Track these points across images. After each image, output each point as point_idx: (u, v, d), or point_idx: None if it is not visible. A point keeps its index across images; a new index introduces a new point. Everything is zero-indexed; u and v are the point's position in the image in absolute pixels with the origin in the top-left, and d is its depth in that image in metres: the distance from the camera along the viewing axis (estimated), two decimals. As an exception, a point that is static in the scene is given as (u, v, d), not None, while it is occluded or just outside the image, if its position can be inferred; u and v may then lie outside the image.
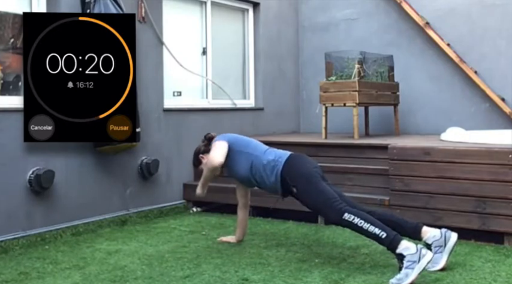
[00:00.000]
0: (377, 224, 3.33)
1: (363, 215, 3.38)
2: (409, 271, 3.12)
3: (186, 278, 3.40)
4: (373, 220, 3.36)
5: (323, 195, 3.55)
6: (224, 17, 6.51)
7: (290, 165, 3.72)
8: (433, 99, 6.33)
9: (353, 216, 3.37)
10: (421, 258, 3.14)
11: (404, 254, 3.17)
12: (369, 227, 3.31)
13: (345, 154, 5.10)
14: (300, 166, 3.74)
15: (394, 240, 3.24)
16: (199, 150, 4.09)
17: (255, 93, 6.79)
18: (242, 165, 3.85)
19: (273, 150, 3.90)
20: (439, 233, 3.48)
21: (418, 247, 3.19)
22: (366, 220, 3.34)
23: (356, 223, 3.35)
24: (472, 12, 6.14)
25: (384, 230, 3.29)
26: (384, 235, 3.27)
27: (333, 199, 3.50)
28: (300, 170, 3.70)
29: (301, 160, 3.81)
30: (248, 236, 4.35)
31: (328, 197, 3.53)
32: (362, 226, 3.33)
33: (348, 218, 3.37)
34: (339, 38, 6.89)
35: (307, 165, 3.75)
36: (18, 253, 4.06)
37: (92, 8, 4.63)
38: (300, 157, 3.83)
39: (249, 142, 3.97)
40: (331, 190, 3.60)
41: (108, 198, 4.93)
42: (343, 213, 3.39)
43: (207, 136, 4.08)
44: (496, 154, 4.06)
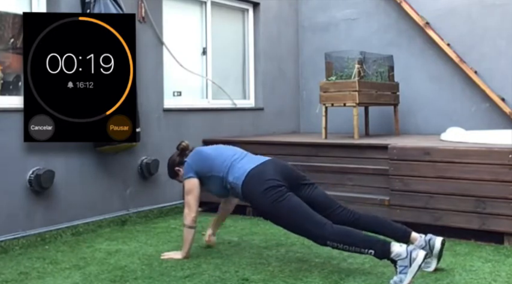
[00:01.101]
0: (361, 243, 3.21)
1: (347, 237, 3.24)
2: (403, 276, 3.11)
3: (186, 278, 3.40)
4: (356, 238, 3.23)
5: (298, 221, 3.33)
6: (224, 17, 6.51)
7: (247, 191, 3.49)
8: (433, 99, 6.33)
9: (336, 243, 3.25)
10: (412, 262, 3.10)
11: (396, 260, 3.14)
12: (355, 249, 3.23)
13: (345, 154, 5.09)
14: (255, 190, 3.43)
15: (384, 252, 3.17)
16: (173, 162, 3.96)
17: (255, 93, 6.80)
18: (216, 186, 3.72)
19: (235, 165, 3.60)
20: (423, 241, 3.43)
21: (408, 250, 3.13)
22: (350, 243, 3.22)
23: (341, 248, 3.27)
24: (472, 12, 6.14)
25: (370, 246, 3.19)
26: (372, 252, 3.19)
27: (310, 224, 3.30)
28: (257, 196, 3.43)
29: (258, 179, 3.46)
30: (248, 236, 4.35)
31: (302, 222, 3.32)
32: (348, 249, 3.26)
33: (332, 246, 3.29)
34: (339, 38, 6.89)
35: (264, 183, 3.41)
36: (18, 253, 4.06)
37: (92, 8, 4.63)
38: (257, 175, 3.48)
39: (212, 161, 3.70)
40: (303, 208, 3.35)
41: (108, 198, 4.93)
42: (326, 241, 3.28)
43: (180, 146, 3.96)
44: (496, 154, 4.06)
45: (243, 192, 3.53)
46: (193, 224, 3.78)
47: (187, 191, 3.78)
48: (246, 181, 3.49)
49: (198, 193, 3.75)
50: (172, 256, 3.84)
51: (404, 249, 3.14)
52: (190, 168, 3.78)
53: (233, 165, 3.61)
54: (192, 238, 3.81)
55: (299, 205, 3.37)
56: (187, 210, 3.78)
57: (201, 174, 3.75)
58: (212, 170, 3.69)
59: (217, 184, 3.71)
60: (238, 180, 3.53)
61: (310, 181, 3.66)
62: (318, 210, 3.43)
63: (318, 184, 3.70)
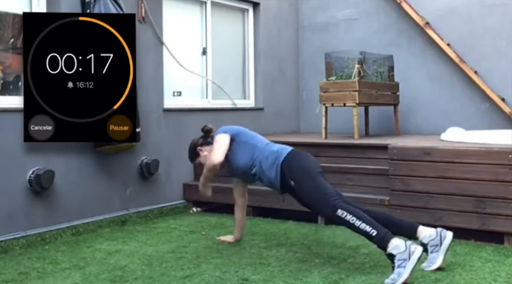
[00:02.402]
0: (369, 222, 3.32)
1: (357, 212, 3.38)
2: (401, 270, 3.13)
3: (186, 278, 3.40)
4: (365, 218, 3.35)
5: (319, 190, 3.55)
6: (224, 17, 6.51)
7: (291, 158, 3.74)
8: (433, 99, 6.33)
9: (346, 213, 3.36)
10: (411, 255, 3.14)
11: (394, 254, 3.17)
12: (361, 224, 3.30)
13: (345, 154, 5.10)
14: (300, 160, 3.76)
15: (385, 238, 3.23)
16: (196, 143, 4.07)
17: (255, 93, 6.79)
18: (243, 156, 3.84)
19: (275, 144, 3.93)
20: (435, 233, 3.47)
21: (407, 244, 3.18)
22: (359, 218, 3.33)
23: (348, 220, 3.34)
24: (472, 12, 6.15)
25: (375, 228, 3.28)
26: (375, 233, 3.26)
27: (329, 195, 3.50)
28: (299, 163, 3.72)
29: (303, 155, 3.83)
30: (248, 236, 4.35)
31: (324, 192, 3.53)
32: (354, 222, 3.33)
33: (340, 215, 3.37)
34: (338, 38, 6.89)
35: (307, 160, 3.77)
36: (18, 253, 4.06)
37: (92, 8, 4.63)
38: (301, 153, 3.87)
39: (253, 134, 4.00)
40: (328, 186, 3.60)
41: (108, 198, 4.93)
42: (337, 209, 3.39)
43: (205, 128, 4.07)
44: (496, 154, 4.06)
45: (284, 160, 3.71)
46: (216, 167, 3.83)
47: (216, 140, 3.87)
48: (291, 152, 3.77)
49: (227, 147, 3.84)
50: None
51: (404, 242, 3.19)
52: (227, 129, 3.94)
53: (273, 144, 3.93)
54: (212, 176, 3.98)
55: (326, 183, 3.63)
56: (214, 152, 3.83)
57: (239, 138, 3.88)
58: (252, 139, 3.91)
59: (245, 156, 3.82)
60: (284, 151, 3.78)
61: None
62: None
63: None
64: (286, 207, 4.69)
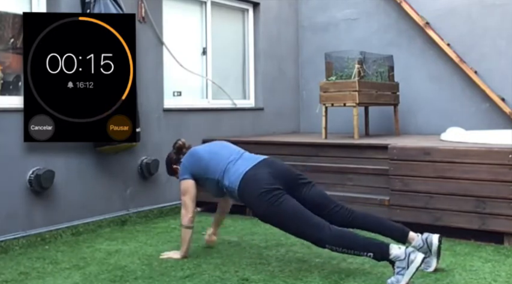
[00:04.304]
0: (360, 246, 3.21)
1: (345, 240, 3.24)
2: (400, 277, 3.11)
3: (186, 278, 3.40)
4: (355, 242, 3.23)
5: (295, 224, 3.33)
6: (224, 17, 6.51)
7: (243, 195, 3.49)
8: (433, 99, 6.33)
9: (335, 247, 3.25)
10: (410, 264, 3.10)
11: (394, 261, 3.15)
12: (354, 252, 3.23)
13: (345, 154, 5.09)
14: (251, 195, 3.42)
15: (382, 254, 3.17)
16: (170, 160, 3.96)
17: (255, 93, 6.80)
18: (212, 187, 3.72)
19: (231, 168, 3.57)
20: (421, 241, 3.42)
21: (406, 252, 3.13)
22: (349, 247, 3.22)
23: (340, 252, 3.28)
24: (472, 12, 6.14)
25: (369, 249, 3.19)
26: (371, 255, 3.19)
27: (308, 227, 3.30)
28: (253, 200, 3.42)
29: (253, 183, 3.43)
30: (248, 236, 4.35)
31: (299, 225, 3.31)
32: (347, 252, 3.27)
33: (331, 249, 3.29)
34: (339, 38, 6.89)
35: (259, 187, 3.39)
36: (18, 253, 4.06)
37: (92, 8, 4.63)
38: (252, 178, 3.45)
39: (207, 164, 3.67)
40: (300, 212, 3.33)
41: (108, 198, 4.93)
42: (324, 245, 3.29)
43: (176, 145, 3.93)
44: (496, 154, 4.06)
45: (239, 196, 3.53)
46: (191, 224, 3.78)
47: (183, 192, 3.78)
48: (241, 186, 3.47)
49: (194, 194, 3.75)
50: (171, 256, 3.84)
51: (403, 251, 3.14)
52: (186, 169, 3.77)
53: (228, 168, 3.58)
54: (190, 237, 3.81)
55: (296, 209, 3.35)
56: (184, 211, 3.78)
57: (197, 175, 3.74)
58: (207, 173, 3.67)
59: (213, 186, 3.70)
60: (233, 185, 3.51)
61: (307, 179, 3.62)
62: (316, 210, 3.42)
63: (316, 184, 3.68)
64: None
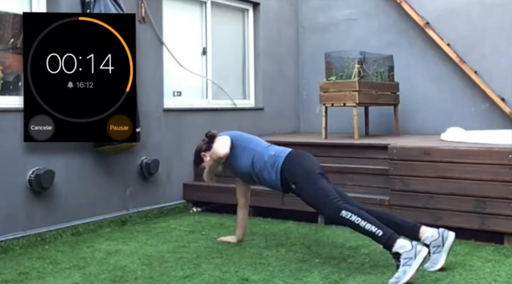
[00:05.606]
0: (374, 222, 3.34)
1: (361, 213, 3.40)
2: (407, 268, 3.14)
3: (186, 278, 3.40)
4: (370, 218, 3.37)
5: (321, 192, 3.57)
6: (224, 17, 6.51)
7: (290, 161, 3.74)
8: (433, 99, 6.33)
9: (350, 213, 3.38)
10: (417, 254, 3.17)
11: (400, 252, 3.19)
12: (366, 225, 3.32)
13: (345, 154, 5.10)
14: (300, 162, 3.74)
15: (391, 238, 3.26)
16: (200, 148, 4.12)
17: (255, 93, 6.79)
18: (244, 160, 3.86)
19: (274, 146, 3.94)
20: (437, 233, 3.48)
21: (413, 243, 3.22)
22: (363, 218, 3.35)
23: (353, 221, 3.36)
24: (472, 12, 6.15)
25: (381, 228, 3.31)
26: (380, 233, 3.28)
27: (332, 197, 3.51)
28: (299, 166, 3.72)
29: (302, 156, 3.82)
30: (248, 236, 4.35)
31: (326, 194, 3.54)
32: (359, 223, 3.34)
33: (345, 216, 3.39)
34: (339, 38, 6.89)
35: (306, 162, 3.77)
36: (18, 253, 4.06)
37: (92, 8, 4.63)
38: (300, 154, 3.85)
39: (251, 138, 4.01)
40: (330, 187, 3.62)
41: (108, 198, 4.93)
42: (341, 210, 3.41)
43: (208, 134, 4.09)
44: (496, 154, 4.06)
45: (283, 163, 3.72)
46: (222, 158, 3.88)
47: (217, 140, 3.93)
48: (290, 155, 3.77)
49: (229, 144, 3.88)
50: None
51: (409, 242, 3.22)
52: (227, 133, 3.98)
53: (272, 146, 3.94)
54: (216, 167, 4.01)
55: (327, 185, 3.65)
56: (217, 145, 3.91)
57: (238, 142, 3.91)
58: (250, 143, 3.92)
59: (246, 160, 3.84)
60: (282, 153, 3.79)
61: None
62: None
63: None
64: (286, 207, 4.67)
